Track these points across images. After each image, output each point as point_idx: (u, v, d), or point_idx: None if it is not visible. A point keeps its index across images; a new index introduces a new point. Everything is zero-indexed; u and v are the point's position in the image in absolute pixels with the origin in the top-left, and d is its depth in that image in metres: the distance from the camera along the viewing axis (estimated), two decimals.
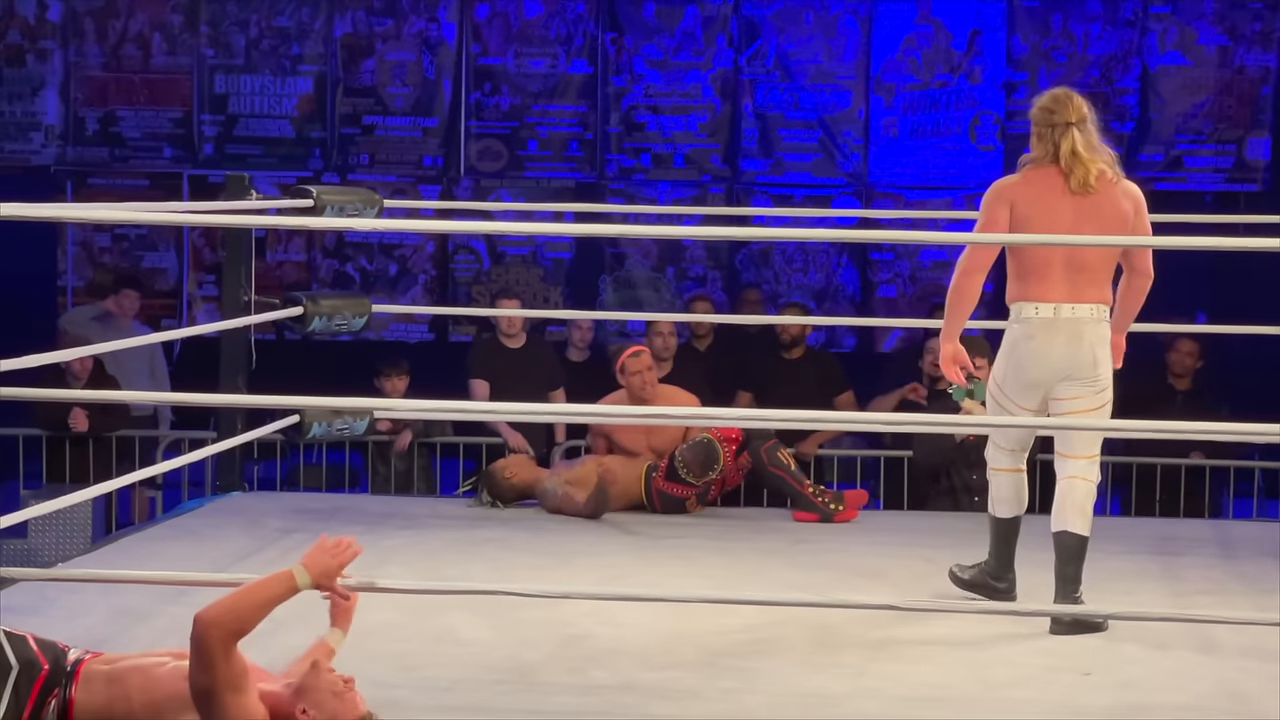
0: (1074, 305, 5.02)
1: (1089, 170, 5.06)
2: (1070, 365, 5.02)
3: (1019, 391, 5.09)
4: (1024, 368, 5.06)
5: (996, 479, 5.27)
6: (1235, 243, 4.71)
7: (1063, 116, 5.07)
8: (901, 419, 6.91)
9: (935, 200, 11.19)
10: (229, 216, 6.17)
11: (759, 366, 8.62)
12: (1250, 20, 11.11)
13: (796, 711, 4.27)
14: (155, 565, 5.36)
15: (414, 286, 11.55)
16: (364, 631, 4.68)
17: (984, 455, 5.35)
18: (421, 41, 11.45)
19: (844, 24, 11.34)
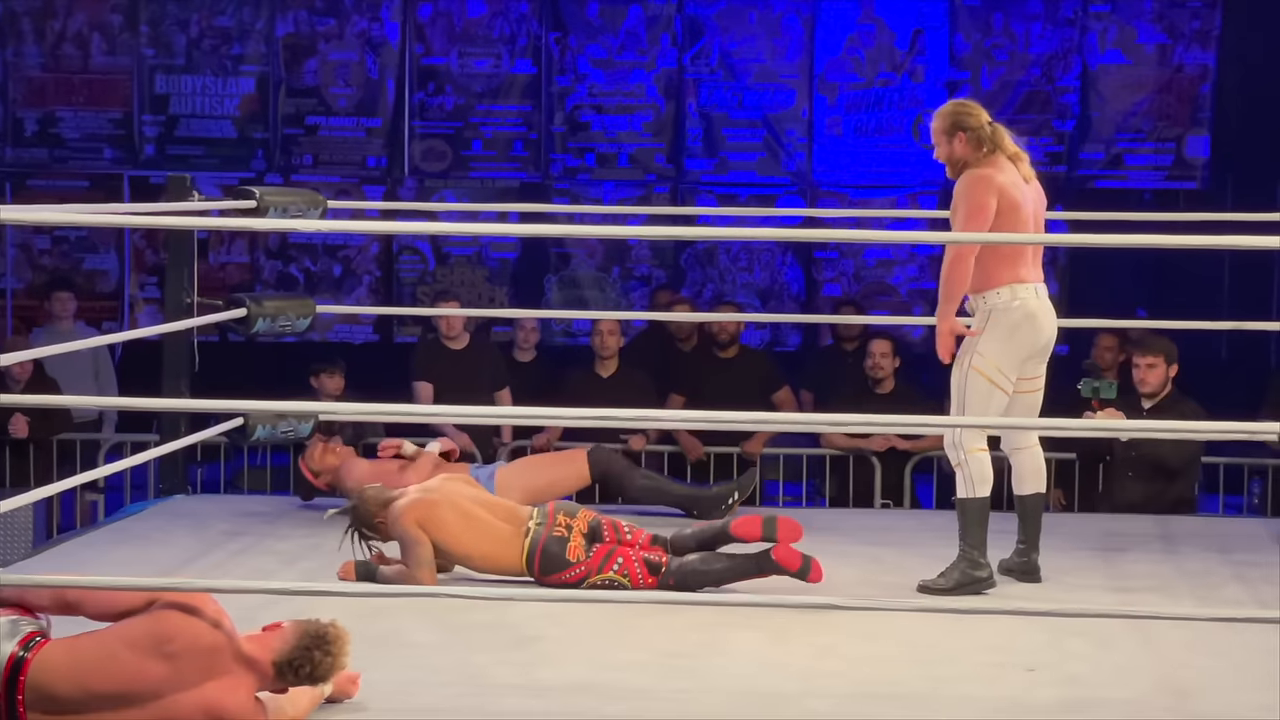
0: (1041, 285, 5.50)
1: (1026, 161, 5.51)
2: (1050, 341, 5.50)
3: (1014, 368, 5.41)
4: (1024, 346, 5.42)
5: (976, 459, 5.40)
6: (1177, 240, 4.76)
7: (985, 118, 5.49)
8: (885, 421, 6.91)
9: (879, 199, 11.23)
10: (171, 218, 6.13)
11: (693, 367, 8.63)
12: (1189, 19, 11.19)
13: (750, 711, 4.28)
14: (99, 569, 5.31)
15: (358, 287, 11.50)
16: None
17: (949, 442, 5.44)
18: (364, 41, 11.40)
19: (787, 23, 11.37)
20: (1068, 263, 11.30)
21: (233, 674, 3.84)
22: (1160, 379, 7.24)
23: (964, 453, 5.40)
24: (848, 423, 6.93)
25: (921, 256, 11.40)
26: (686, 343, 8.88)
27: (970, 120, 5.45)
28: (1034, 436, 5.59)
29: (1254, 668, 4.62)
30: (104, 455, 8.46)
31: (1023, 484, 5.60)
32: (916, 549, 6.09)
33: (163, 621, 3.82)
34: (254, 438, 6.52)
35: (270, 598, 4.89)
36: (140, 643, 3.80)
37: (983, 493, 5.41)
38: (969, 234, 5.33)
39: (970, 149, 5.43)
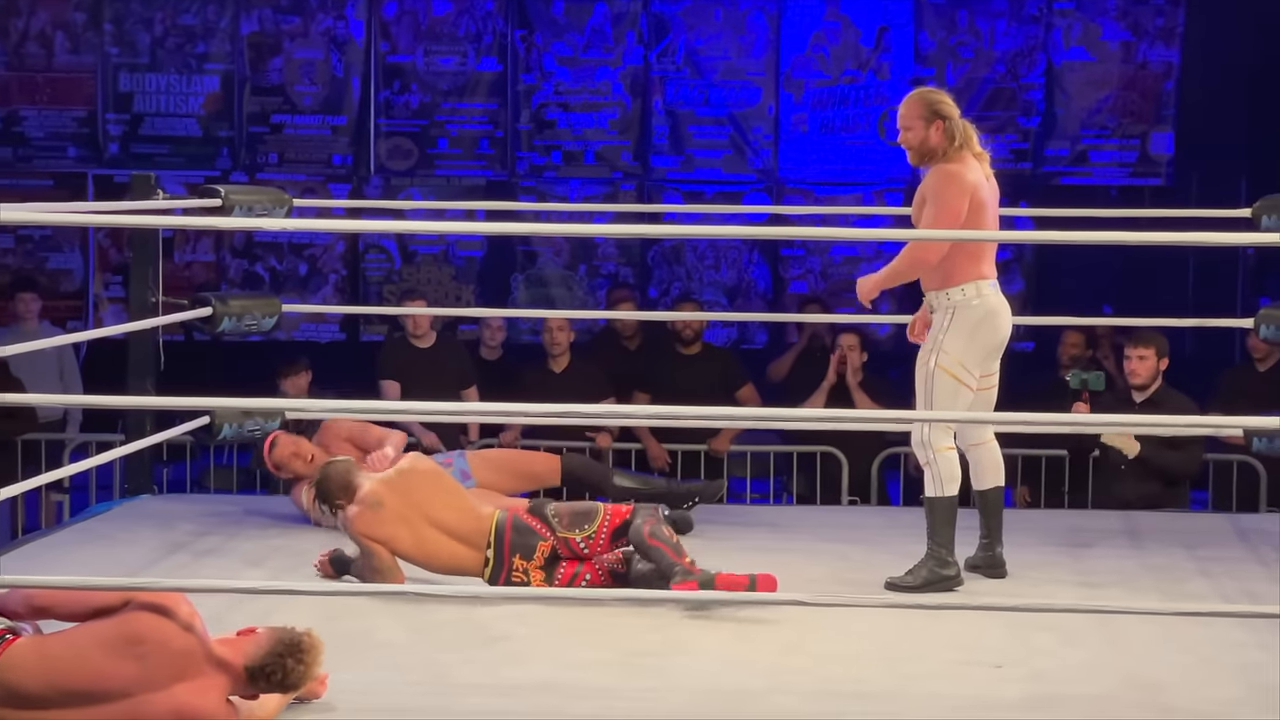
0: (997, 282, 5.51)
1: (988, 161, 5.53)
2: (1007, 337, 5.52)
3: (978, 365, 5.42)
4: (987, 342, 5.43)
5: (945, 457, 5.41)
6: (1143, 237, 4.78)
7: (958, 111, 5.49)
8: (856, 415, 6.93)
9: (845, 196, 11.24)
10: (135, 217, 6.11)
11: (656, 364, 8.63)
12: (1153, 16, 11.24)
13: (716, 709, 4.28)
14: (64, 570, 5.28)
15: (325, 286, 11.48)
16: None
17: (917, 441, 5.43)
18: (329, 39, 11.38)
19: (753, 20, 11.38)
20: (1033, 260, 11.34)
21: (204, 676, 3.83)
22: (1151, 371, 7.29)
23: (932, 451, 5.40)
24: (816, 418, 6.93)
25: (889, 253, 11.39)
26: (631, 341, 8.88)
27: (949, 109, 5.45)
28: (990, 431, 5.59)
29: (1219, 662, 4.64)
30: (69, 455, 8.42)
31: (983, 479, 5.60)
32: (884, 546, 6.10)
33: (133, 623, 3.81)
34: (220, 437, 6.49)
35: (237, 598, 4.88)
36: (110, 643, 3.79)
37: (951, 491, 5.42)
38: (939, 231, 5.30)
39: (944, 140, 5.41)
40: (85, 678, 3.77)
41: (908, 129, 5.46)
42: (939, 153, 5.42)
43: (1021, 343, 11.20)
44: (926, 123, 5.42)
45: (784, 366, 9.07)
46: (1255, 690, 4.41)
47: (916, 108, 5.45)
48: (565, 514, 5.38)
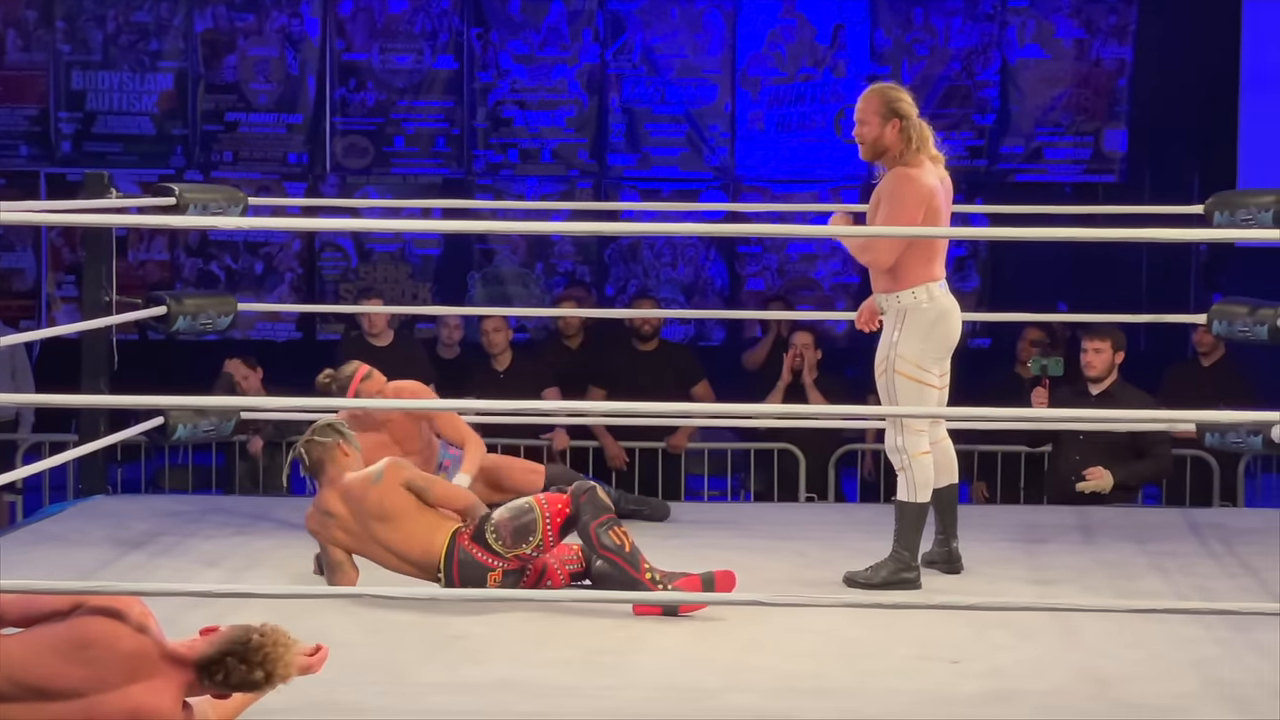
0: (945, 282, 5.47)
1: (942, 163, 5.49)
2: (958, 337, 5.48)
3: (935, 364, 5.38)
4: (945, 341, 5.39)
5: (920, 462, 5.38)
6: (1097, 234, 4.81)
7: (915, 110, 5.44)
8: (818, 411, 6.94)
9: (801, 193, 11.27)
10: (88, 215, 6.07)
11: (612, 361, 8.64)
12: (1106, 14, 11.30)
13: (675, 706, 4.28)
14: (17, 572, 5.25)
15: (280, 285, 11.44)
16: None
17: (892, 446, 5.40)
18: (284, 37, 11.34)
19: (709, 18, 11.39)
20: (989, 257, 11.39)
21: (159, 676, 3.81)
22: (1106, 364, 7.33)
23: (907, 456, 5.36)
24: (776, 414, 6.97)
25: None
26: (573, 340, 8.86)
27: (906, 109, 5.39)
28: (944, 430, 5.58)
29: (1172, 657, 4.67)
30: (22, 456, 8.37)
31: (939, 477, 5.56)
32: (842, 543, 6.12)
33: (82, 627, 3.79)
34: (175, 437, 6.47)
35: (194, 599, 4.86)
36: (61, 647, 3.78)
37: (924, 498, 5.40)
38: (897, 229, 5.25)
39: (900, 140, 5.36)
40: (40, 677, 3.76)
41: (863, 123, 5.41)
42: (894, 152, 5.37)
43: (977, 339, 11.26)
44: (883, 120, 5.36)
45: (760, 356, 9.05)
46: (1208, 685, 4.45)
47: (874, 103, 5.40)
48: (506, 531, 5.16)
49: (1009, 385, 8.35)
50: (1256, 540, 6.21)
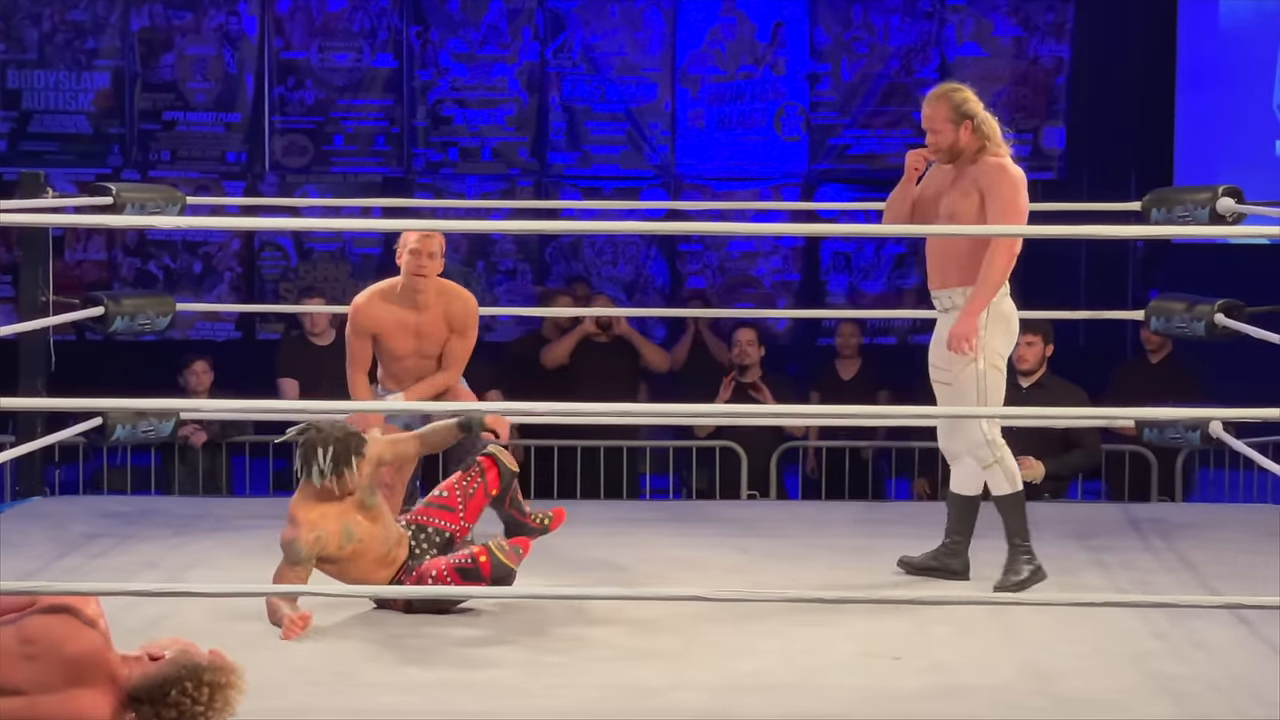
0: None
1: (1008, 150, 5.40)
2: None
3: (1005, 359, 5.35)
4: (1013, 338, 5.37)
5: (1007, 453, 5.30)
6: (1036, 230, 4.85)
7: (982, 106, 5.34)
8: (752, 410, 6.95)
9: (742, 191, 11.29)
10: (24, 215, 6.02)
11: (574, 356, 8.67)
12: (1044, 11, 11.38)
13: (619, 705, 4.28)
14: None
15: (220, 284, 11.37)
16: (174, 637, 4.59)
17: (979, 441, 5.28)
18: (222, 35, 11.27)
19: (649, 16, 11.40)
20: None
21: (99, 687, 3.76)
22: (1038, 357, 7.40)
23: (999, 450, 5.28)
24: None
25: (785, 248, 11.48)
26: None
27: (975, 107, 5.27)
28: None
29: (1112, 651, 4.70)
30: None
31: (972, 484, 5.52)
32: (785, 540, 6.14)
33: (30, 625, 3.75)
34: (113, 438, 6.42)
35: (133, 600, 4.83)
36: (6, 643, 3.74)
37: (1020, 485, 5.33)
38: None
39: (976, 138, 5.25)
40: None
41: (936, 132, 5.27)
42: (971, 152, 5.26)
43: (919, 336, 11.30)
44: (955, 124, 5.24)
45: (681, 355, 9.06)
46: (1149, 679, 4.48)
47: (942, 110, 5.27)
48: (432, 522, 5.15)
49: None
50: (1195, 534, 6.27)
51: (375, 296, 5.83)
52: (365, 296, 5.84)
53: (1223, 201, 6.30)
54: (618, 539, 6.24)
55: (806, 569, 5.70)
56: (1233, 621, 4.92)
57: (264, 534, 6.28)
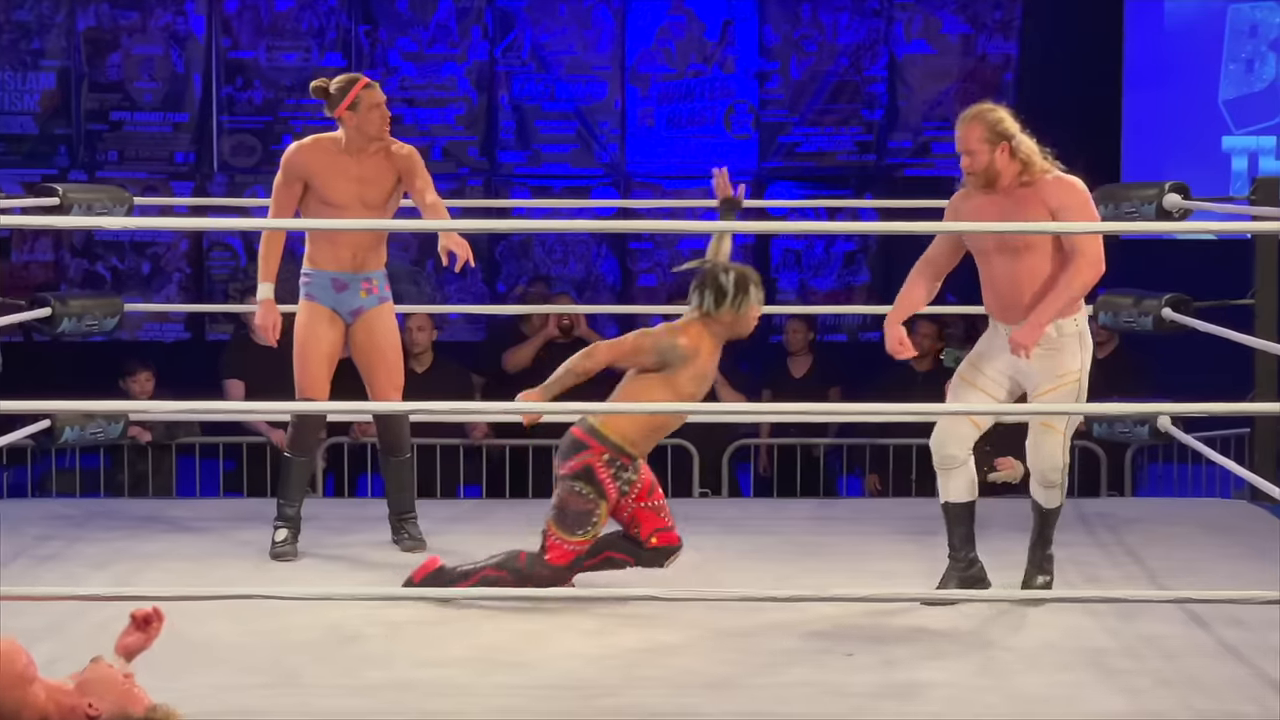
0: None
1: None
2: None
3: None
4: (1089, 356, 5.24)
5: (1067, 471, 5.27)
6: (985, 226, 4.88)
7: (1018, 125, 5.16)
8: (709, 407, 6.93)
9: (692, 189, 11.29)
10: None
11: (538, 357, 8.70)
12: (991, 9, 11.42)
13: (570, 704, 4.27)
14: None
15: (168, 285, 11.31)
16: None
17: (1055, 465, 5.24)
18: (169, 35, 11.20)
19: (598, 15, 11.39)
20: (879, 251, 11.47)
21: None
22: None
23: (1064, 473, 5.24)
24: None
25: (734, 246, 11.48)
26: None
27: (1010, 127, 5.09)
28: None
29: (1062, 647, 4.73)
30: None
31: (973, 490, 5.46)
32: (737, 537, 6.14)
33: None
34: (61, 440, 6.37)
35: (81, 604, 4.80)
36: None
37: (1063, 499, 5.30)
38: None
39: (1014, 161, 5.07)
40: None
41: (971, 154, 5.08)
42: (1009, 175, 5.07)
43: (868, 333, 11.34)
44: (991, 146, 5.06)
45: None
46: (1099, 674, 4.50)
47: (977, 131, 5.06)
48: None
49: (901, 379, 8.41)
50: (1144, 529, 6.31)
51: (310, 143, 5.80)
52: (298, 143, 5.82)
53: (1169, 197, 6.34)
54: None
55: (759, 567, 5.71)
56: (1181, 616, 4.96)
57: (214, 535, 6.26)
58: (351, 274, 5.87)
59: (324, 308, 5.87)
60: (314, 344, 5.86)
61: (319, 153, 5.80)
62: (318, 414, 6.04)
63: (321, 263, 5.85)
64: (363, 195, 5.79)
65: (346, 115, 5.78)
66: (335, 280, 5.87)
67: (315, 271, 5.88)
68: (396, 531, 5.99)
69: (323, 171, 5.78)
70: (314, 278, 5.89)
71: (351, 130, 5.78)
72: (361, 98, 5.77)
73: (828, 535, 6.17)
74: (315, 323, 5.87)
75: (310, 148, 5.82)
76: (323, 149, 5.81)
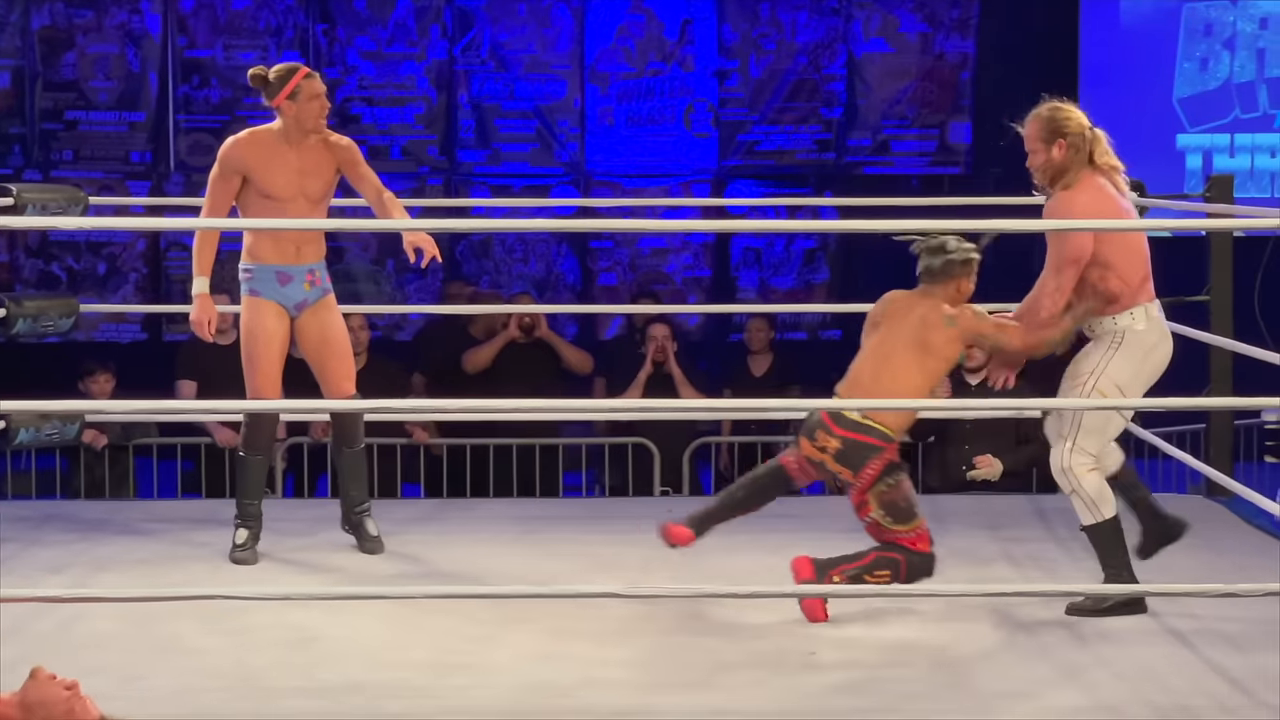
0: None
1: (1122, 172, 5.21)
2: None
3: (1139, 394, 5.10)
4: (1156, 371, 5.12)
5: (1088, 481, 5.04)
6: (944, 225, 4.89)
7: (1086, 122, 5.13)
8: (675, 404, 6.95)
9: (652, 188, 11.30)
10: None
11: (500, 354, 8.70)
12: (949, 8, 11.46)
13: (527, 705, 4.27)
14: None
15: (124, 285, 11.25)
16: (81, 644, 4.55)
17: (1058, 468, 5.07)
18: (124, 34, 11.15)
19: (557, 13, 11.38)
20: (839, 249, 11.49)
21: None
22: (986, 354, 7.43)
23: (1074, 478, 4.99)
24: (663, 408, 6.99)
25: (695, 245, 11.50)
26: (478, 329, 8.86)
27: (1068, 125, 5.06)
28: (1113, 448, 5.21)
29: (1021, 642, 4.75)
30: None
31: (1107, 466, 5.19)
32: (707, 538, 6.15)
33: None
34: (17, 441, 6.33)
35: (40, 606, 4.77)
36: None
37: (1108, 513, 5.01)
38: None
39: (1069, 158, 5.05)
40: None
41: (1032, 152, 5.11)
42: (1068, 172, 5.08)
43: (828, 331, 11.36)
44: (1047, 144, 5.07)
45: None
46: (1057, 668, 4.52)
47: (1035, 129, 5.08)
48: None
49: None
50: None
51: (247, 136, 5.76)
52: (234, 138, 5.78)
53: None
54: (531, 537, 6.23)
55: (720, 564, 5.71)
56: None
57: (171, 537, 6.23)
58: (295, 266, 5.82)
59: (269, 302, 5.81)
60: (264, 341, 5.81)
61: (256, 146, 5.76)
62: (272, 412, 5.99)
63: (264, 256, 5.78)
64: (304, 187, 5.76)
65: (285, 105, 5.74)
66: (280, 273, 5.81)
67: (257, 265, 5.81)
68: (355, 527, 5.95)
69: (262, 164, 5.74)
70: (256, 272, 5.82)
71: (290, 120, 5.75)
72: (301, 87, 5.74)
73: (789, 533, 6.17)
74: (263, 318, 5.81)
75: (247, 141, 5.77)
76: (260, 142, 5.77)
